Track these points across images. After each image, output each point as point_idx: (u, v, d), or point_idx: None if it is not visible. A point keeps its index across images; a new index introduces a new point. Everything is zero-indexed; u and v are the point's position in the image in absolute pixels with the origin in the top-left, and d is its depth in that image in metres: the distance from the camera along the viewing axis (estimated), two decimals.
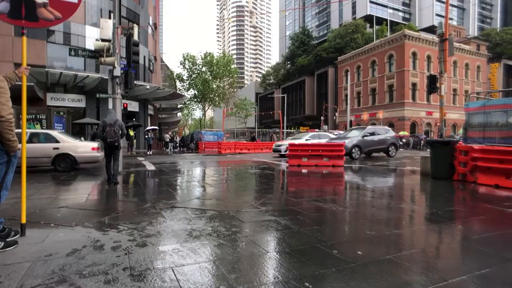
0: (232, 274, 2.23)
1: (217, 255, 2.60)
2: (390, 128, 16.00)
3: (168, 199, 4.99)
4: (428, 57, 38.21)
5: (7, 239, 2.78)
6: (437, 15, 61.51)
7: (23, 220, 3.01)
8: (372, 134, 14.54)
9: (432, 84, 10.02)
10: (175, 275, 2.20)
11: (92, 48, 9.81)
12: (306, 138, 15.97)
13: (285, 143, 16.68)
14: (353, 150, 13.47)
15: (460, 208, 4.77)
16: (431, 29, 51.73)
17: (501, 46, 51.67)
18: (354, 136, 14.25)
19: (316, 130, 28.98)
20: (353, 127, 17.04)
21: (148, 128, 21.69)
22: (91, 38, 21.47)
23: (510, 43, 51.70)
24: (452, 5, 67.53)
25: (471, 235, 3.26)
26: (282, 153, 16.08)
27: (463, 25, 65.95)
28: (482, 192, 5.93)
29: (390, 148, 14.90)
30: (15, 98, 2.89)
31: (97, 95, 22.67)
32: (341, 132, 21.69)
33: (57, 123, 17.47)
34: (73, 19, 21.20)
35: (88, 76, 19.18)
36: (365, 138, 14.10)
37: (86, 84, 20.85)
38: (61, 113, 17.89)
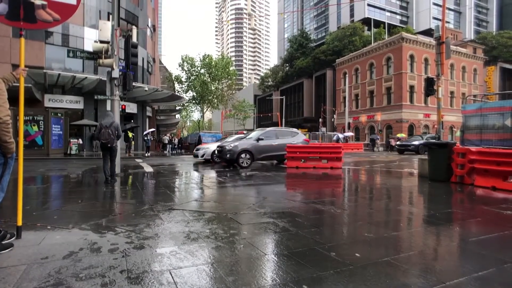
0: (230, 276, 2.22)
1: (215, 258, 2.59)
2: (298, 131, 13.29)
3: (166, 201, 4.97)
4: (426, 60, 38.44)
5: (3, 242, 2.76)
6: (434, 18, 61.97)
7: (19, 223, 2.98)
8: (271, 137, 11.90)
9: (430, 87, 10.09)
10: (172, 277, 2.19)
11: (91, 49, 9.80)
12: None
13: (207, 146, 14.13)
14: (242, 156, 11.00)
15: (458, 210, 4.78)
16: (428, 32, 52.00)
17: (497, 50, 52.09)
18: (251, 138, 11.85)
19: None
20: (258, 128, 14.06)
21: (146, 132, 21.66)
22: (90, 39, 21.47)
23: (506, 46, 52.13)
24: (449, 9, 68.03)
25: (468, 237, 3.26)
26: (200, 158, 13.82)
27: (460, 28, 66.44)
28: (480, 194, 5.95)
29: None
30: (13, 99, 2.88)
31: (95, 97, 22.63)
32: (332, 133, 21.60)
33: (55, 125, 17.41)
34: (71, 21, 21.19)
35: (86, 77, 19.15)
36: (260, 142, 11.51)
37: (84, 85, 20.82)
38: (59, 115, 17.84)
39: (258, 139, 11.54)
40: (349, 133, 36.67)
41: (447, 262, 2.57)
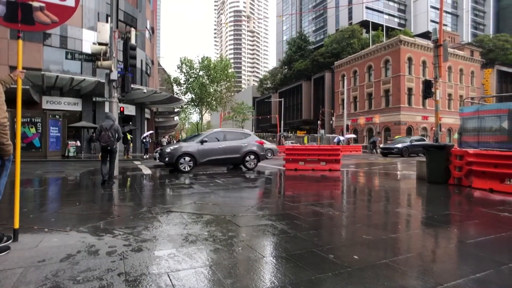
0: (228, 279, 2.22)
1: (213, 260, 2.58)
2: (251, 132, 12.29)
3: (164, 204, 4.96)
4: (424, 62, 38.64)
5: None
6: (432, 21, 62.35)
7: (16, 225, 2.97)
8: (218, 139, 10.77)
9: (428, 89, 10.13)
10: (170, 280, 2.19)
11: (89, 51, 9.78)
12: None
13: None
14: (182, 160, 9.99)
15: (456, 212, 4.79)
16: (426, 35, 52.39)
17: (494, 52, 52.45)
18: (193, 141, 10.74)
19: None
20: (211, 130, 12.55)
21: (145, 134, 21.63)
22: (88, 41, 21.47)
23: (503, 49, 52.51)
24: (446, 12, 68.53)
25: (466, 239, 3.27)
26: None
27: (457, 31, 66.90)
28: (477, 196, 5.97)
29: (247, 158, 11.00)
30: (10, 101, 2.88)
31: (94, 99, 22.57)
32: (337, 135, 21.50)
33: (53, 127, 17.36)
34: (70, 23, 21.17)
35: (84, 79, 19.12)
36: (205, 144, 10.36)
37: (82, 87, 20.78)
38: (57, 117, 17.79)
39: (202, 141, 10.39)
40: (351, 135, 36.59)
41: (445, 264, 2.58)
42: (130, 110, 25.01)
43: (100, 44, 9.07)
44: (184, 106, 43.60)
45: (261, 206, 4.81)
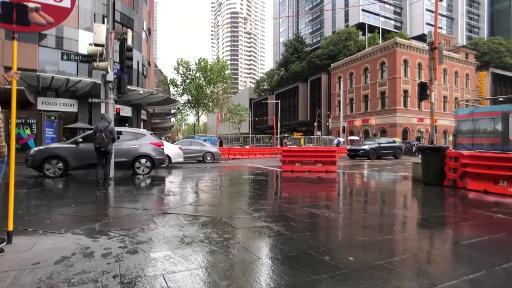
0: (224, 281, 2.22)
1: (209, 262, 2.58)
2: (147, 132, 10.39)
3: (160, 205, 4.94)
4: (419, 65, 38.97)
5: None
6: (427, 24, 62.98)
7: (10, 227, 2.94)
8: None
9: (423, 91, 10.22)
10: (166, 282, 2.18)
11: (85, 52, 9.70)
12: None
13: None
14: (48, 165, 8.52)
15: (450, 213, 4.83)
16: (421, 38, 52.81)
17: (488, 55, 53.08)
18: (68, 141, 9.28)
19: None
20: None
21: None
22: (84, 42, 21.34)
23: (497, 52, 53.16)
24: (441, 15, 69.21)
25: (460, 241, 3.30)
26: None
27: (452, 34, 67.57)
28: (472, 198, 6.02)
29: (137, 163, 9.45)
30: (5, 102, 2.85)
31: (90, 100, 22.44)
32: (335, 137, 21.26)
33: (48, 128, 17.22)
34: (66, 23, 21.05)
35: (80, 80, 19.00)
36: (81, 145, 8.69)
37: (78, 88, 20.65)
38: (52, 118, 17.65)
39: (76, 142, 8.80)
40: (355, 137, 36.02)
41: (439, 265, 2.60)
42: (126, 111, 24.90)
43: (96, 45, 9.03)
44: (180, 108, 43.49)
45: (257, 207, 4.81)
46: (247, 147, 30.82)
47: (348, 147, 22.46)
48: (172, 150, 13.68)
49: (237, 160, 20.62)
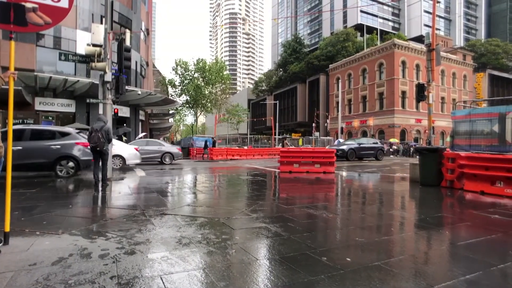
0: (222, 282, 2.22)
1: (206, 263, 2.58)
2: (73, 131, 9.40)
3: (158, 206, 4.93)
4: (417, 66, 39.14)
5: None
6: (425, 25, 63.25)
7: (7, 229, 2.93)
8: (18, 138, 8.12)
9: (421, 93, 10.26)
10: (163, 283, 2.18)
11: (83, 52, 9.68)
12: None
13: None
14: None
15: (448, 214, 4.85)
16: (419, 39, 53.02)
17: (485, 57, 53.39)
18: None
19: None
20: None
21: (139, 136, 21.50)
22: (82, 42, 21.28)
23: (494, 53, 53.49)
24: (439, 16, 69.58)
25: (457, 241, 3.31)
26: None
27: (450, 35, 67.94)
28: (469, 199, 6.05)
29: (59, 165, 8.75)
30: (2, 102, 2.85)
31: (88, 100, 22.32)
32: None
33: None
34: (64, 23, 20.98)
35: (78, 80, 18.95)
36: None
37: (76, 89, 20.59)
38: (50, 118, 17.60)
39: None
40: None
41: (436, 266, 2.61)
42: (124, 112, 24.85)
43: (94, 45, 9.02)
44: (179, 108, 43.43)
45: (255, 208, 4.81)
46: (245, 147, 30.84)
47: (327, 147, 22.03)
48: (126, 150, 12.60)
49: (235, 160, 20.62)
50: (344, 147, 18.23)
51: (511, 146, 6.86)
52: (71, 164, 8.89)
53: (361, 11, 63.21)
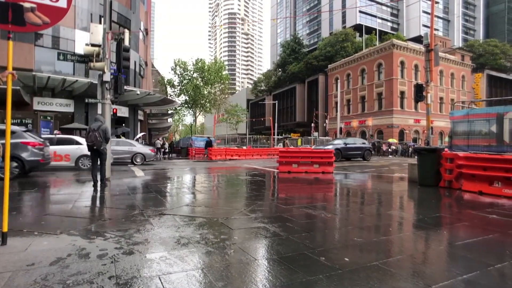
0: (220, 282, 2.22)
1: (205, 263, 2.58)
2: (18, 129, 8.88)
3: (157, 206, 4.93)
4: (416, 66, 39.21)
5: None
6: (424, 25, 63.41)
7: (5, 229, 2.92)
8: None
9: (419, 93, 10.27)
10: (162, 283, 2.18)
11: (82, 52, 9.66)
12: None
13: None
14: None
15: (446, 214, 4.87)
16: (418, 39, 53.12)
17: (484, 57, 53.52)
18: None
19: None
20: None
21: (137, 136, 21.48)
22: (81, 42, 21.23)
23: (492, 54, 53.62)
24: (438, 17, 69.78)
25: (455, 241, 3.33)
26: None
27: (448, 36, 68.15)
28: (467, 199, 6.07)
29: None
30: (0, 102, 2.84)
31: (86, 100, 22.32)
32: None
33: (44, 128, 17.14)
34: (62, 23, 20.93)
35: (77, 80, 18.91)
36: None
37: (75, 88, 20.54)
38: (48, 118, 17.56)
39: None
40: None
41: (434, 266, 2.62)
42: (123, 111, 24.79)
43: (93, 45, 9.00)
44: (177, 108, 43.39)
45: (254, 208, 4.81)
46: (244, 147, 30.83)
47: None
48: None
49: (234, 160, 20.61)
50: (329, 147, 17.37)
51: (509, 147, 6.88)
52: (13, 164, 8.18)
53: (360, 12, 63.28)
